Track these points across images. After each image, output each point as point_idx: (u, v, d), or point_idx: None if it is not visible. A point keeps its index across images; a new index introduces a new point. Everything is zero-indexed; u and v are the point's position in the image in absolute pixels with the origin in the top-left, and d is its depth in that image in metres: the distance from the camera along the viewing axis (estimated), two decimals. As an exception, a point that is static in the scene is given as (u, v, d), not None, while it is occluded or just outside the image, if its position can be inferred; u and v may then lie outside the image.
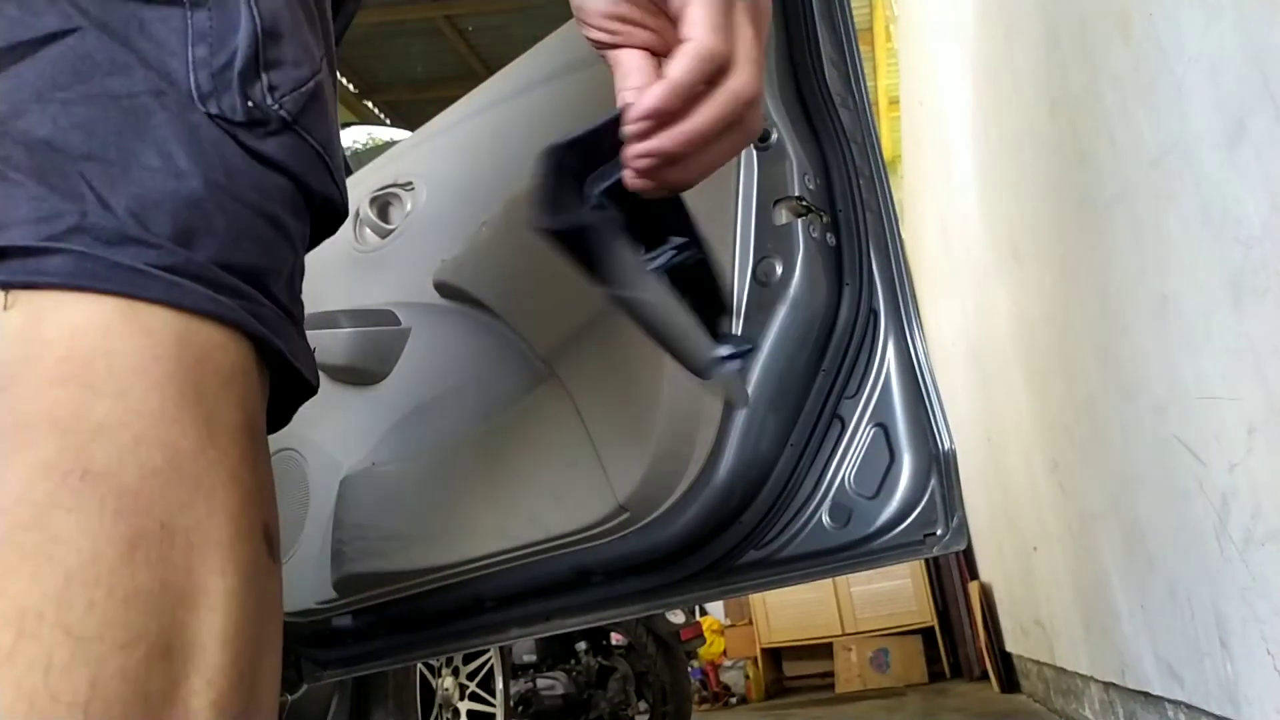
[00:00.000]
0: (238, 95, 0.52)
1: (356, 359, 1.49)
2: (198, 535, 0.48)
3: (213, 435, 0.51)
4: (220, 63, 0.51)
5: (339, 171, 0.62)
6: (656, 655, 4.39)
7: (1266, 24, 1.04)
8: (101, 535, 0.45)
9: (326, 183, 0.59)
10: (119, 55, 0.49)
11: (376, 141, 2.03)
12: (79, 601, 0.44)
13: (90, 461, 0.45)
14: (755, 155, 1.18)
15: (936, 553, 1.08)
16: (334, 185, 0.61)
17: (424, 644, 1.50)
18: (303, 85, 0.55)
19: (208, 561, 0.48)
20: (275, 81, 0.53)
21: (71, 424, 0.46)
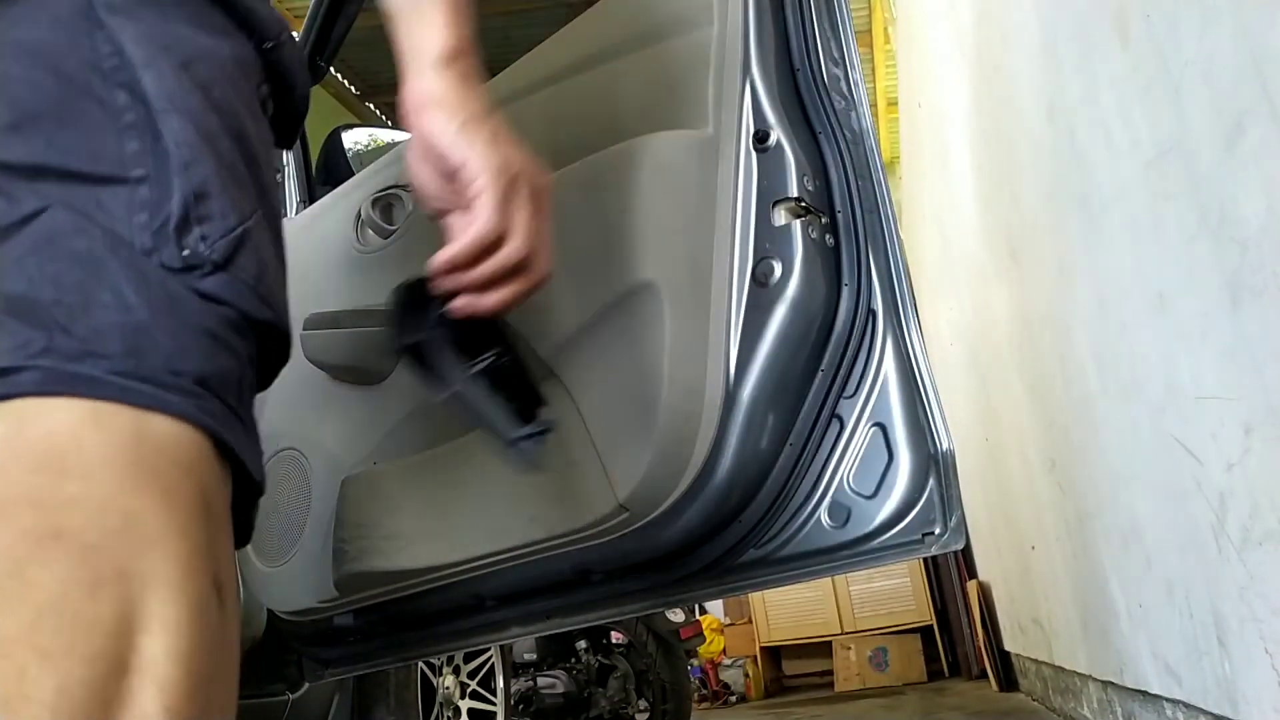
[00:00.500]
0: (175, 246, 0.66)
1: (358, 359, 1.49)
2: (150, 576, 0.58)
3: (168, 503, 0.61)
4: (158, 223, 0.66)
5: (274, 297, 0.73)
6: (656, 654, 4.39)
7: (1264, 26, 1.04)
8: (69, 579, 0.56)
9: (262, 309, 0.70)
10: (81, 224, 0.64)
11: (378, 143, 2.03)
12: (48, 628, 0.55)
13: (60, 526, 0.57)
14: (755, 156, 1.19)
15: (935, 552, 1.08)
16: (269, 310, 0.72)
17: (425, 643, 1.51)
18: (231, 232, 0.68)
19: (159, 594, 0.58)
20: (206, 232, 0.67)
21: (45, 500, 0.58)
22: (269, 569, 1.56)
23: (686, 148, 1.21)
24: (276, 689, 1.86)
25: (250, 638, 1.75)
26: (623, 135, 1.25)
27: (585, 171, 1.27)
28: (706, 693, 7.03)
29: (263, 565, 1.57)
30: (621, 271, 1.18)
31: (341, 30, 1.86)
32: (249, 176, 0.73)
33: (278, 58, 0.80)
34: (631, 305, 1.17)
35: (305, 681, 1.83)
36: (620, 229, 1.19)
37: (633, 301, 1.17)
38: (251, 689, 1.84)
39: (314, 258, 1.67)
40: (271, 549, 1.57)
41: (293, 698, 1.89)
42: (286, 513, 1.56)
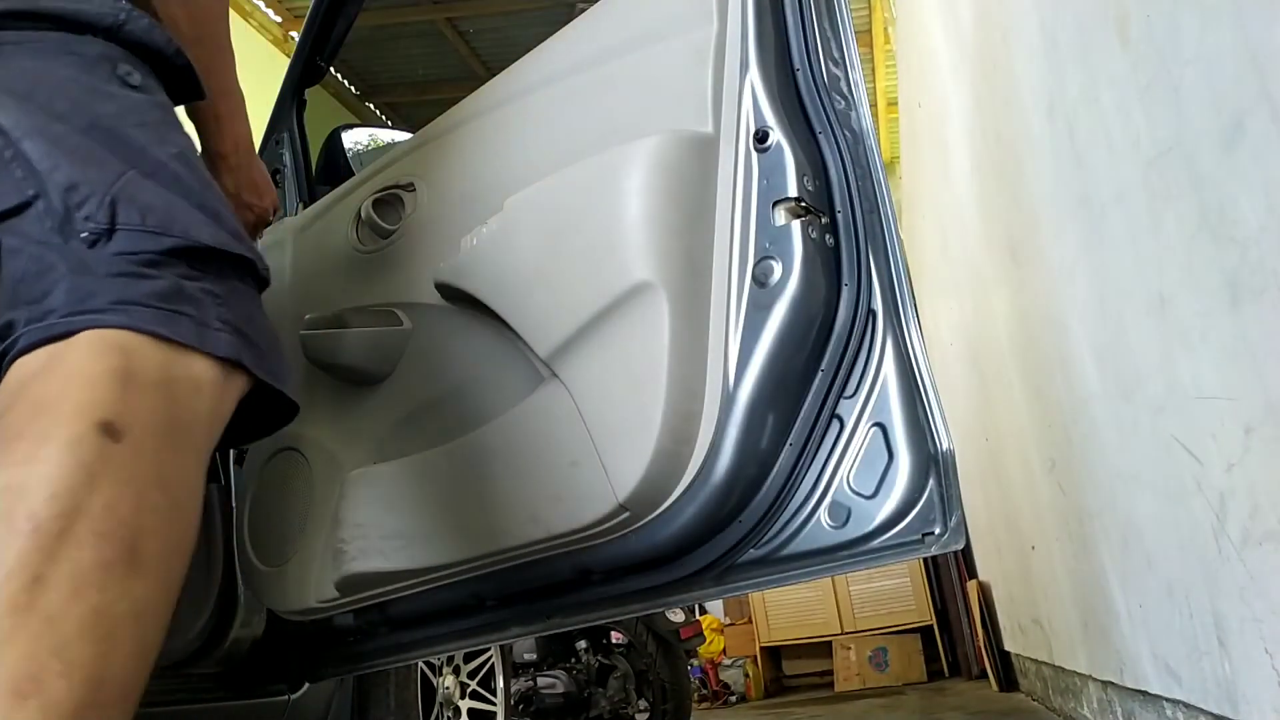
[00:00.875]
0: (76, 232, 0.83)
1: (358, 359, 1.49)
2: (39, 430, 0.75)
3: (77, 380, 0.78)
4: (58, 223, 0.84)
5: (174, 223, 0.88)
6: (656, 654, 4.39)
7: (1264, 25, 1.04)
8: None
9: (161, 239, 0.86)
10: (20, 245, 0.82)
11: (377, 143, 2.03)
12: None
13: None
14: (755, 156, 1.19)
15: (935, 552, 1.08)
16: (172, 236, 0.87)
17: (425, 643, 1.51)
18: (103, 201, 0.84)
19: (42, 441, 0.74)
20: (87, 212, 0.83)
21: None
22: (269, 569, 1.56)
23: (686, 148, 1.21)
24: (276, 689, 1.86)
25: (250, 638, 1.75)
26: (623, 135, 1.25)
27: (586, 172, 1.27)
28: (706, 693, 7.03)
29: (263, 565, 1.57)
30: (621, 271, 1.18)
31: (341, 30, 1.86)
32: (109, 151, 0.87)
33: (122, 37, 0.94)
34: (631, 305, 1.17)
35: (305, 681, 1.82)
36: (620, 229, 1.19)
37: (633, 301, 1.17)
38: (251, 689, 1.84)
39: (314, 258, 1.67)
40: (271, 549, 1.57)
41: (293, 698, 1.89)
42: (286, 513, 1.56)
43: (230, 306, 0.87)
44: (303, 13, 1.69)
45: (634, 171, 1.21)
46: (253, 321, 0.90)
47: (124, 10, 0.94)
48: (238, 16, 6.38)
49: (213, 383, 0.83)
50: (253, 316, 0.91)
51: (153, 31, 0.96)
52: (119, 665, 0.70)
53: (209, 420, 0.83)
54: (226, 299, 0.87)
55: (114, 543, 0.71)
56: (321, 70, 1.90)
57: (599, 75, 1.34)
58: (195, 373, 0.81)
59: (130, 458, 0.74)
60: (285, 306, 1.69)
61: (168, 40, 0.98)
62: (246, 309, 0.90)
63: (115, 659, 0.70)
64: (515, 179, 1.35)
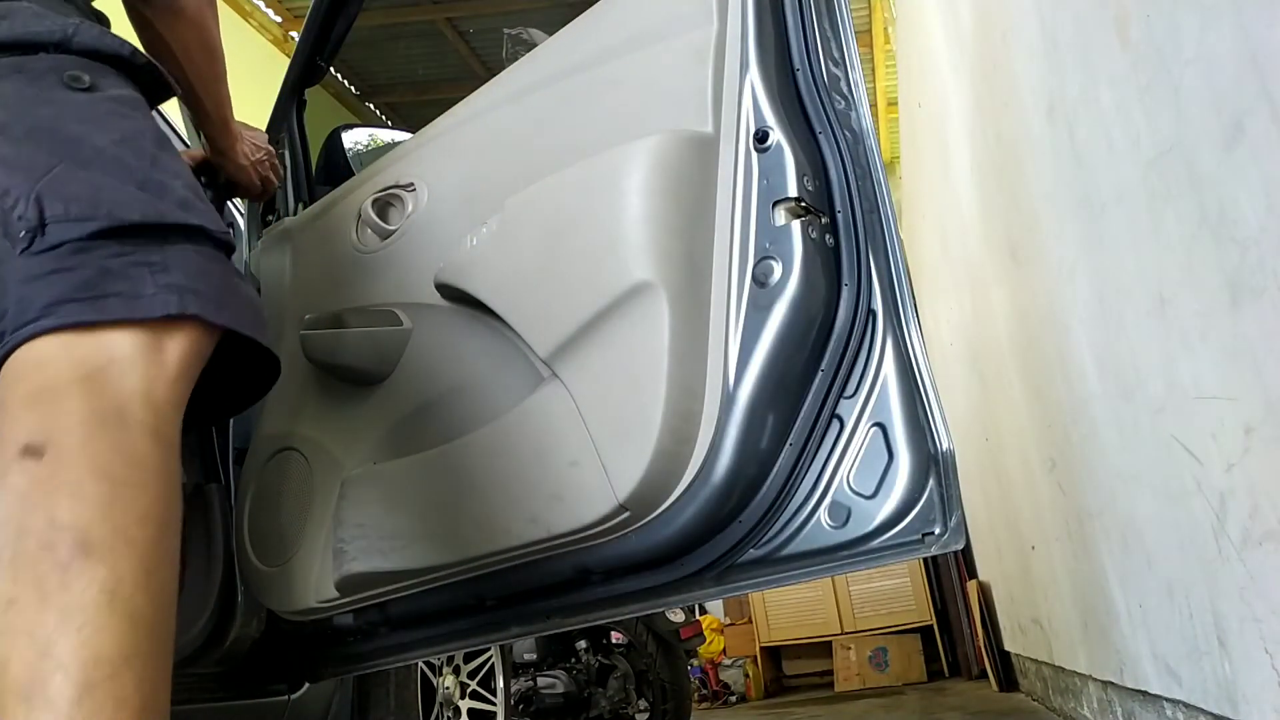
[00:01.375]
0: (13, 238, 0.87)
1: (359, 359, 1.49)
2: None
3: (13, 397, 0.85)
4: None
5: (99, 204, 0.90)
6: (656, 654, 4.39)
7: (1264, 25, 1.04)
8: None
9: (84, 225, 0.89)
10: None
11: (378, 143, 2.03)
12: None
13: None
14: (755, 156, 1.19)
15: (935, 552, 1.08)
16: (95, 220, 0.90)
17: (425, 643, 1.51)
18: (29, 198, 0.88)
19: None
20: (20, 213, 0.88)
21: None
22: (269, 569, 1.56)
23: (686, 148, 1.21)
24: (276, 689, 1.86)
25: (250, 638, 1.75)
26: (623, 135, 1.25)
27: (586, 172, 1.27)
28: (706, 693, 7.03)
29: (263, 565, 1.57)
30: (621, 271, 1.18)
31: (341, 30, 1.86)
32: (42, 150, 0.91)
33: (73, 48, 1.00)
34: (631, 305, 1.17)
35: (305, 681, 1.82)
36: (620, 229, 1.19)
37: (633, 301, 1.17)
38: (251, 689, 1.84)
39: (314, 257, 1.67)
40: (271, 549, 1.57)
41: (293, 698, 1.89)
42: (286, 513, 1.56)
43: (173, 270, 0.89)
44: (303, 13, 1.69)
45: (634, 171, 1.21)
46: (205, 277, 0.92)
47: (73, 25, 1.01)
48: (238, 16, 6.39)
49: (149, 349, 0.85)
50: (206, 273, 0.93)
51: (103, 38, 1.03)
52: (110, 643, 0.73)
53: (157, 385, 0.85)
54: (167, 265, 0.89)
55: (62, 547, 0.75)
56: (321, 70, 1.90)
57: (599, 75, 1.34)
58: (124, 348, 0.84)
59: (55, 468, 0.78)
60: (285, 306, 1.69)
61: (120, 43, 1.04)
62: (196, 267, 0.92)
63: (104, 638, 0.73)
64: (515, 179, 1.35)
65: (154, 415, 0.84)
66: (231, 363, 0.97)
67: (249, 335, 0.94)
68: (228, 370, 0.98)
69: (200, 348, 0.90)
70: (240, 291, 0.97)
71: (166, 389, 0.86)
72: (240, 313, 0.94)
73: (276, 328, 1.71)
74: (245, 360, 0.99)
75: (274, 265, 1.75)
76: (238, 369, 1.00)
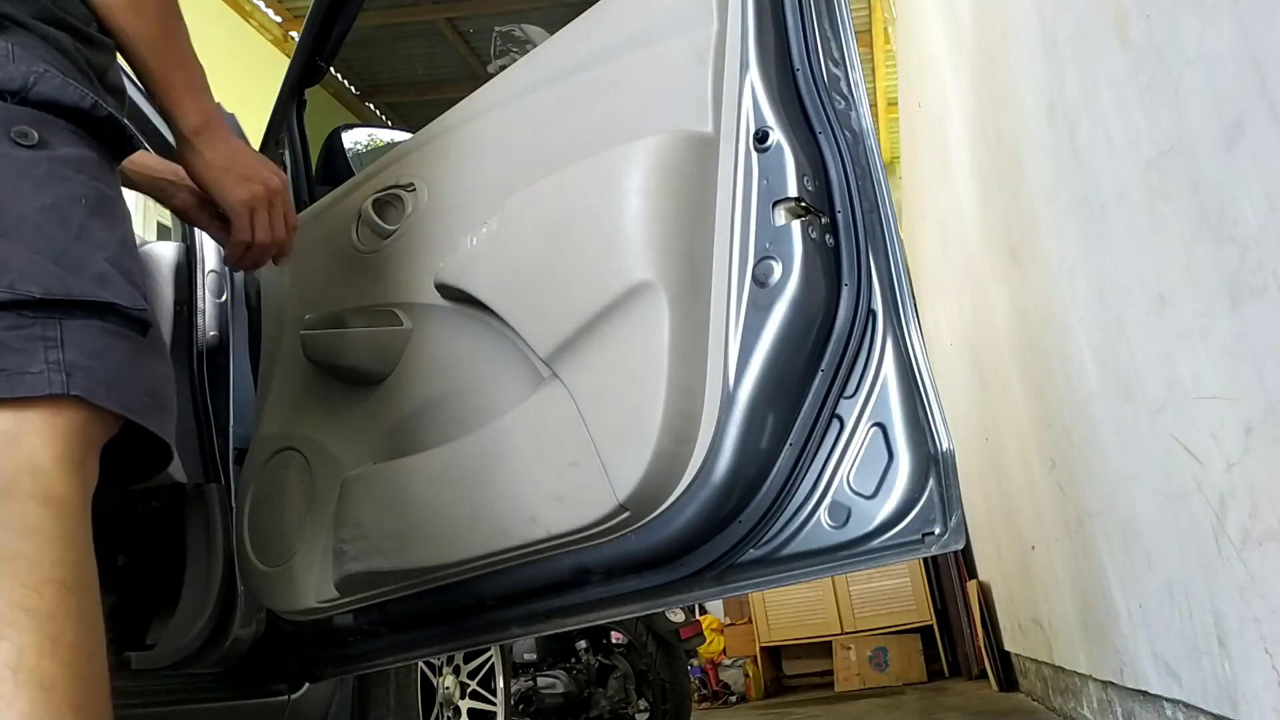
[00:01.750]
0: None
1: (359, 359, 1.49)
2: None
3: None
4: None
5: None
6: (656, 654, 4.39)
7: (1264, 25, 1.04)
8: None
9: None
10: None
11: (378, 143, 2.03)
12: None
13: None
14: (755, 156, 1.19)
15: (935, 552, 1.08)
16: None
17: (425, 643, 1.51)
18: None
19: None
20: None
21: None
22: (269, 569, 1.56)
23: (686, 148, 1.21)
24: (276, 689, 1.86)
25: (250, 638, 1.75)
26: (623, 135, 1.25)
27: (586, 172, 1.27)
28: (706, 693, 7.03)
29: (263, 565, 1.57)
30: (621, 271, 1.18)
31: (341, 30, 1.86)
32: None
33: (31, 99, 0.97)
34: (631, 305, 1.17)
35: (305, 681, 1.82)
36: (620, 229, 1.19)
37: (633, 301, 1.17)
38: (251, 689, 1.84)
39: (314, 257, 1.67)
40: (271, 549, 1.57)
41: (293, 698, 1.89)
42: (286, 513, 1.56)
43: (69, 346, 0.88)
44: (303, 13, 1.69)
45: (634, 171, 1.21)
46: (102, 356, 0.91)
47: (35, 75, 0.97)
48: (238, 16, 6.39)
49: (33, 423, 0.85)
50: (103, 351, 0.91)
51: (64, 89, 0.99)
52: (23, 714, 0.75)
53: (43, 455, 0.85)
54: (64, 341, 0.88)
55: None
56: (321, 70, 1.90)
57: (599, 75, 1.34)
58: (6, 424, 0.84)
59: None
60: (285, 306, 1.69)
61: (82, 95, 1.00)
62: (95, 345, 0.91)
63: (16, 709, 0.75)
64: (515, 179, 1.35)
65: (43, 482, 0.84)
66: (136, 438, 0.96)
67: (135, 420, 0.93)
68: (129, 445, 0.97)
69: (90, 425, 0.89)
70: (142, 373, 0.96)
71: (54, 452, 0.85)
72: (131, 396, 0.93)
73: (276, 328, 1.71)
74: (143, 440, 0.97)
75: (274, 265, 1.75)
76: (140, 445, 0.98)
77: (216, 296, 1.90)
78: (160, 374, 1.00)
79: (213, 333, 1.87)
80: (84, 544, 0.85)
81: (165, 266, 1.87)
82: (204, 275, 1.89)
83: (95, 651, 0.82)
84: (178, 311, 1.86)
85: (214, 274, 1.90)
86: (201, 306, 1.87)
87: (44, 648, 0.77)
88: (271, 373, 1.68)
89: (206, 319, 1.87)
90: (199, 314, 1.86)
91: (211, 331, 1.87)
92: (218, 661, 1.74)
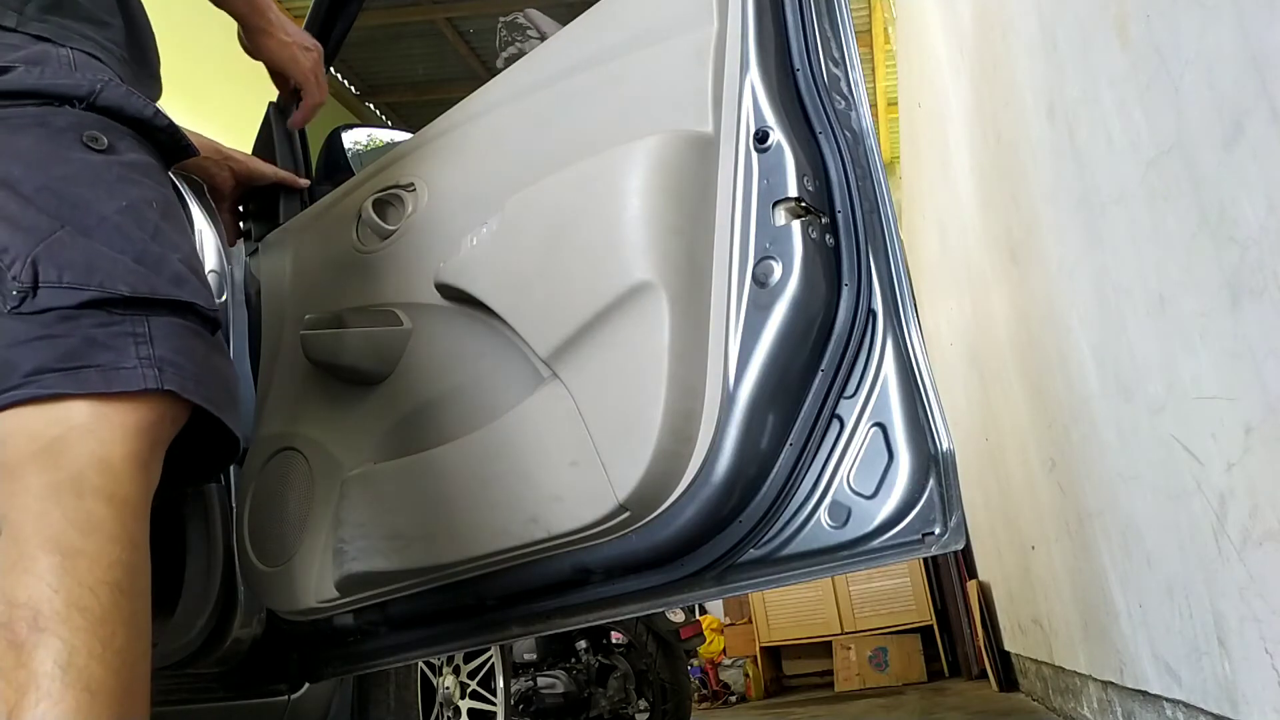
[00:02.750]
0: (5, 297, 0.91)
1: (359, 359, 1.49)
2: None
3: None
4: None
5: (94, 273, 0.93)
6: (656, 654, 4.39)
7: (1264, 25, 1.04)
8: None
9: (79, 292, 0.93)
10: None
11: (377, 143, 2.03)
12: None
13: None
14: (754, 156, 1.19)
15: (935, 552, 1.08)
16: (89, 289, 0.92)
17: (425, 643, 1.51)
18: (26, 260, 0.92)
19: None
20: (14, 273, 0.90)
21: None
22: (269, 569, 1.56)
23: (686, 148, 1.21)
24: (276, 689, 1.86)
25: (250, 638, 1.75)
26: (623, 135, 1.25)
27: (586, 172, 1.27)
28: (706, 693, 7.03)
29: (263, 565, 1.57)
30: (621, 271, 1.18)
31: (341, 30, 1.86)
32: (46, 212, 0.93)
33: (98, 106, 1.01)
34: (631, 305, 1.17)
35: (305, 681, 1.82)
36: (620, 229, 1.19)
37: (633, 301, 1.17)
38: (251, 689, 1.84)
39: (314, 258, 1.67)
40: (271, 549, 1.57)
41: (293, 698, 1.89)
42: (286, 513, 1.56)
43: (157, 343, 0.91)
44: (302, 13, 1.69)
45: (634, 171, 1.21)
46: (187, 353, 0.94)
47: (101, 82, 1.02)
48: (238, 16, 6.37)
49: (109, 415, 0.87)
50: (188, 349, 0.95)
51: (129, 99, 1.04)
52: (67, 715, 0.76)
53: (114, 449, 0.86)
54: (152, 337, 0.91)
55: (18, 624, 0.77)
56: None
57: (599, 75, 1.34)
58: (83, 416, 0.87)
59: (10, 545, 0.80)
60: (285, 306, 1.69)
61: (144, 104, 1.05)
62: (180, 343, 0.94)
63: (61, 710, 0.75)
64: (515, 179, 1.35)
65: (111, 479, 0.85)
66: (200, 436, 0.99)
67: (217, 415, 0.96)
68: (196, 443, 1.00)
69: (171, 419, 0.92)
70: (219, 370, 0.99)
71: (124, 450, 0.87)
72: (215, 392, 0.96)
73: (276, 328, 1.71)
74: (210, 436, 1.00)
75: (274, 265, 1.75)
76: (205, 443, 1.01)
77: (216, 296, 1.90)
78: (230, 372, 1.03)
79: (213, 333, 1.87)
80: (143, 547, 0.87)
81: (165, 266, 1.87)
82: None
83: (141, 659, 0.82)
84: (178, 311, 1.85)
85: (214, 274, 1.90)
86: (202, 306, 1.86)
87: (94, 650, 0.78)
88: (271, 373, 1.68)
89: (206, 319, 1.86)
90: (199, 314, 1.86)
91: (212, 331, 1.87)
92: (218, 661, 1.74)
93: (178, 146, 1.11)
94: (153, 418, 0.90)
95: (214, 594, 1.71)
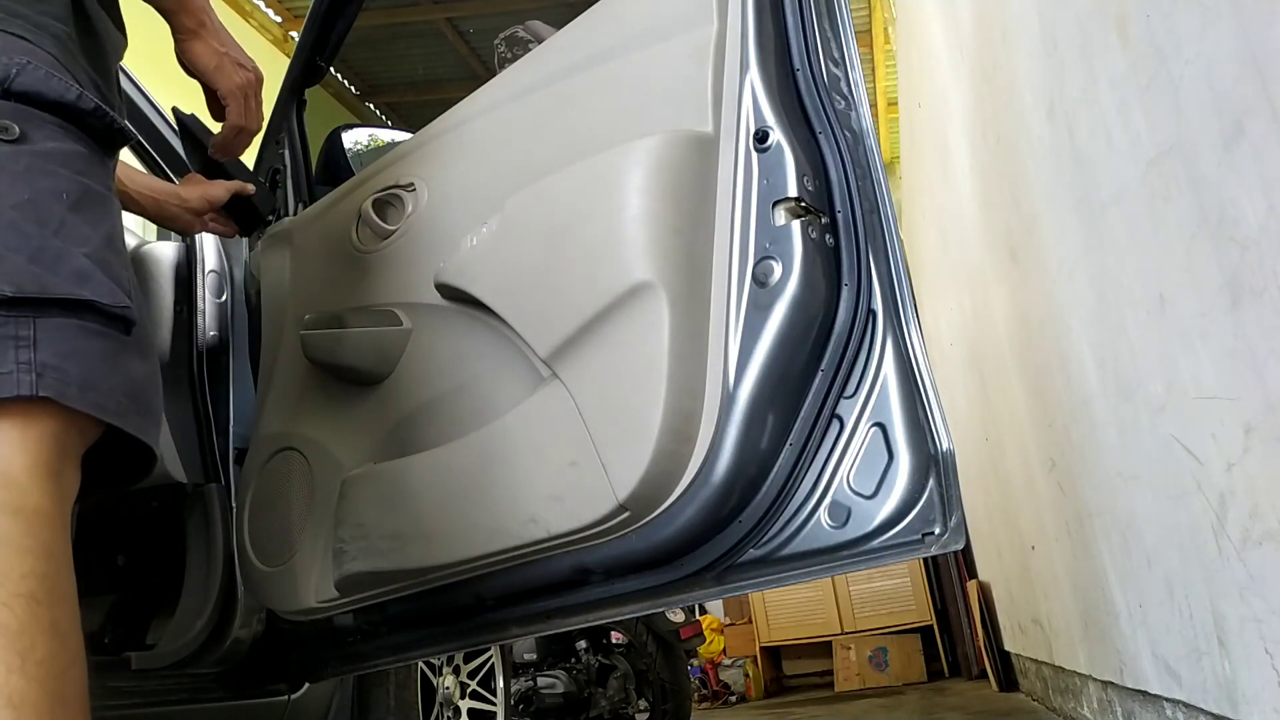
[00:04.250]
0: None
1: (359, 359, 1.49)
2: None
3: None
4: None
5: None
6: (656, 654, 4.39)
7: (1264, 25, 1.04)
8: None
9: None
10: None
11: (378, 143, 2.03)
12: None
13: None
14: (755, 156, 1.19)
15: (935, 552, 1.08)
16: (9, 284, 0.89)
17: (425, 643, 1.51)
18: None
19: None
20: None
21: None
22: (269, 569, 1.56)
23: (686, 148, 1.21)
24: (276, 689, 1.86)
25: (250, 638, 1.75)
26: (623, 135, 1.25)
27: (586, 172, 1.27)
28: (706, 693, 7.03)
29: (263, 565, 1.57)
30: (621, 271, 1.18)
31: (341, 30, 1.86)
32: None
33: (13, 93, 0.95)
34: (631, 305, 1.17)
35: (305, 681, 1.82)
36: (620, 229, 1.19)
37: (633, 301, 1.17)
38: (251, 689, 1.84)
39: (314, 258, 1.67)
40: (271, 549, 1.57)
41: (293, 698, 1.89)
42: (286, 513, 1.56)
43: (42, 346, 0.86)
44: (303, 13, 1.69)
45: (634, 171, 1.21)
46: (78, 355, 0.88)
47: (16, 66, 0.96)
48: (238, 16, 6.39)
49: (8, 434, 0.83)
50: (80, 351, 0.89)
51: (48, 81, 0.97)
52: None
53: (14, 462, 0.82)
54: (37, 340, 0.86)
55: None
56: (321, 70, 1.90)
57: (599, 75, 1.34)
58: None
59: None
60: (285, 306, 1.69)
61: (66, 87, 0.99)
62: (70, 345, 0.88)
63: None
64: (515, 179, 1.35)
65: (15, 492, 0.81)
66: (124, 442, 0.93)
67: (110, 422, 0.90)
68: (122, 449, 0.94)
69: (66, 431, 0.87)
70: (124, 372, 0.93)
71: (25, 460, 0.83)
72: (108, 396, 0.90)
73: (276, 328, 1.71)
74: (129, 443, 0.94)
75: (274, 265, 1.75)
76: (126, 449, 0.95)
77: (216, 296, 1.90)
78: (142, 374, 0.96)
79: (213, 333, 1.87)
80: (59, 556, 0.82)
81: (165, 266, 1.87)
82: (204, 275, 1.89)
83: (69, 667, 0.79)
84: (177, 311, 1.85)
85: (214, 274, 1.90)
86: (201, 306, 1.87)
87: (13, 664, 0.75)
88: (271, 373, 1.68)
89: (206, 319, 1.87)
90: (199, 314, 1.86)
91: (211, 331, 1.87)
92: (218, 661, 1.74)
93: (110, 131, 1.03)
94: (54, 425, 0.85)
95: (214, 594, 1.71)
